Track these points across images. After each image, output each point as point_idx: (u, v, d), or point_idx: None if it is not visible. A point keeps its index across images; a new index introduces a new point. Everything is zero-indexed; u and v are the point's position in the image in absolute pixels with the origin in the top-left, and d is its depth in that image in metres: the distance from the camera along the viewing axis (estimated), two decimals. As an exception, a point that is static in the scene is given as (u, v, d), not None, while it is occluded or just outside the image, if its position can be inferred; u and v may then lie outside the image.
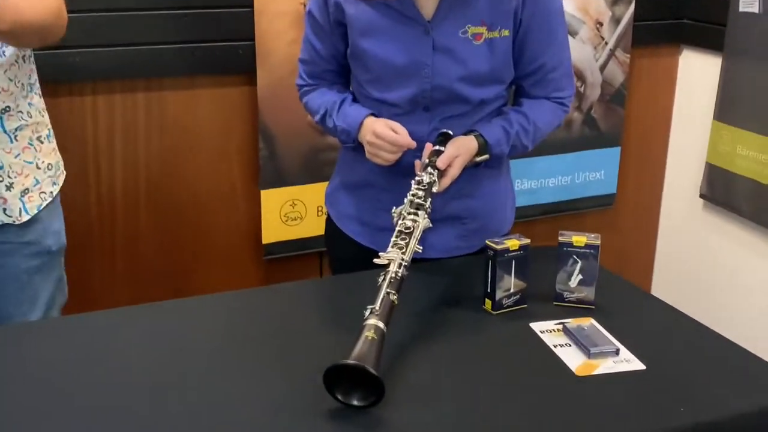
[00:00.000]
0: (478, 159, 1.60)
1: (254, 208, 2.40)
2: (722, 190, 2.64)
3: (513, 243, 1.48)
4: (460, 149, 1.56)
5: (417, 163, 1.57)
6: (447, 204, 1.65)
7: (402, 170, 1.63)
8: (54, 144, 1.70)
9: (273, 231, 2.42)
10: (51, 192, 1.68)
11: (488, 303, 1.50)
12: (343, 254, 1.80)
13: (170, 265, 2.37)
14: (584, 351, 1.37)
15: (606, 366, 1.34)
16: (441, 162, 1.53)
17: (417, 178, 1.52)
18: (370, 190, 1.70)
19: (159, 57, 2.17)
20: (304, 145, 2.36)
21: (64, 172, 1.74)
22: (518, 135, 1.63)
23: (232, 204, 2.40)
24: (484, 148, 1.60)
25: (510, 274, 1.48)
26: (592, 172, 2.79)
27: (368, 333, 1.23)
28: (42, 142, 1.65)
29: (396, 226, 1.44)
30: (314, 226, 2.42)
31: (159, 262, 2.36)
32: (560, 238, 1.51)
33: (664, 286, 3.00)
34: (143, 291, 2.34)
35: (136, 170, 2.29)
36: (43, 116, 1.67)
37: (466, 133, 1.61)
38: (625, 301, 1.57)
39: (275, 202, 2.39)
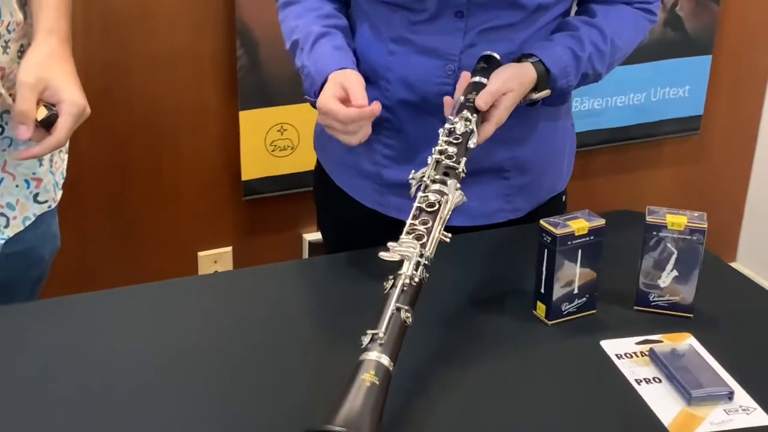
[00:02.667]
0: (536, 96, 1.30)
1: (231, 134, 2.14)
2: None
3: (580, 225, 1.16)
4: (510, 82, 1.25)
5: (447, 100, 1.24)
6: (488, 152, 1.34)
7: (423, 104, 1.30)
8: None
9: (255, 164, 2.17)
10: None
11: (541, 308, 1.19)
12: (338, 216, 1.50)
13: (116, 205, 2.12)
14: (682, 392, 1.07)
15: (715, 419, 1.04)
16: (482, 100, 1.21)
17: (447, 125, 1.21)
18: (375, 130, 1.38)
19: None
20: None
21: None
22: (591, 60, 1.33)
23: (201, 128, 2.13)
24: (544, 79, 1.29)
25: (574, 268, 1.17)
26: (673, 88, 2.51)
27: (366, 375, 0.95)
28: None
29: (415, 199, 1.12)
30: (309, 158, 2.12)
31: (101, 200, 2.10)
32: (648, 218, 1.18)
33: (758, 237, 2.70)
34: (81, 241, 2.08)
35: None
36: None
37: (519, 59, 1.30)
38: (739, 306, 1.26)
39: (259, 127, 2.15)
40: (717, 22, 2.47)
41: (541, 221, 1.17)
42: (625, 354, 1.14)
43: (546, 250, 1.16)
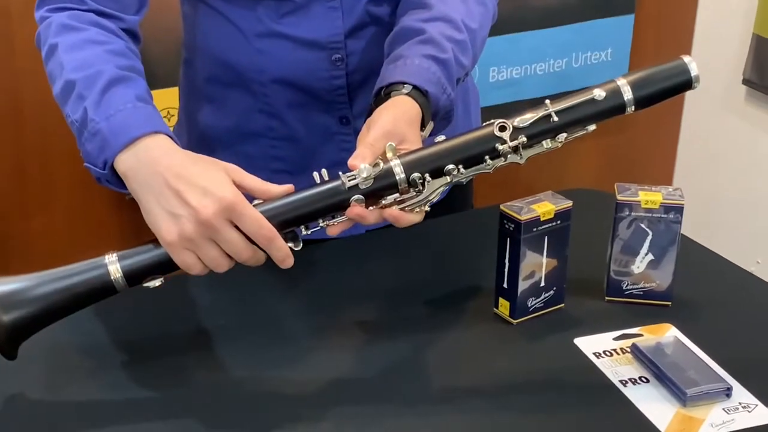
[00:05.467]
0: (426, 132, 1.13)
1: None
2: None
3: (545, 208, 1.11)
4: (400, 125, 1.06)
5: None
6: None
7: (313, 102, 1.25)
8: None
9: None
10: None
11: (504, 305, 1.13)
12: None
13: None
14: (675, 392, 1.03)
15: (715, 420, 1.00)
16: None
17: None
18: (259, 143, 1.30)
19: None
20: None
21: None
22: (457, 58, 1.15)
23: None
24: (424, 106, 1.10)
25: (540, 258, 1.12)
26: (596, 52, 2.52)
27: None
28: None
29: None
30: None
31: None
32: (619, 196, 1.14)
33: (691, 205, 2.74)
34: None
35: None
36: None
37: (384, 93, 1.10)
38: (717, 289, 1.23)
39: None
40: (637, -23, 2.48)
41: (502, 206, 1.11)
42: (604, 352, 1.09)
43: (508, 239, 1.10)
